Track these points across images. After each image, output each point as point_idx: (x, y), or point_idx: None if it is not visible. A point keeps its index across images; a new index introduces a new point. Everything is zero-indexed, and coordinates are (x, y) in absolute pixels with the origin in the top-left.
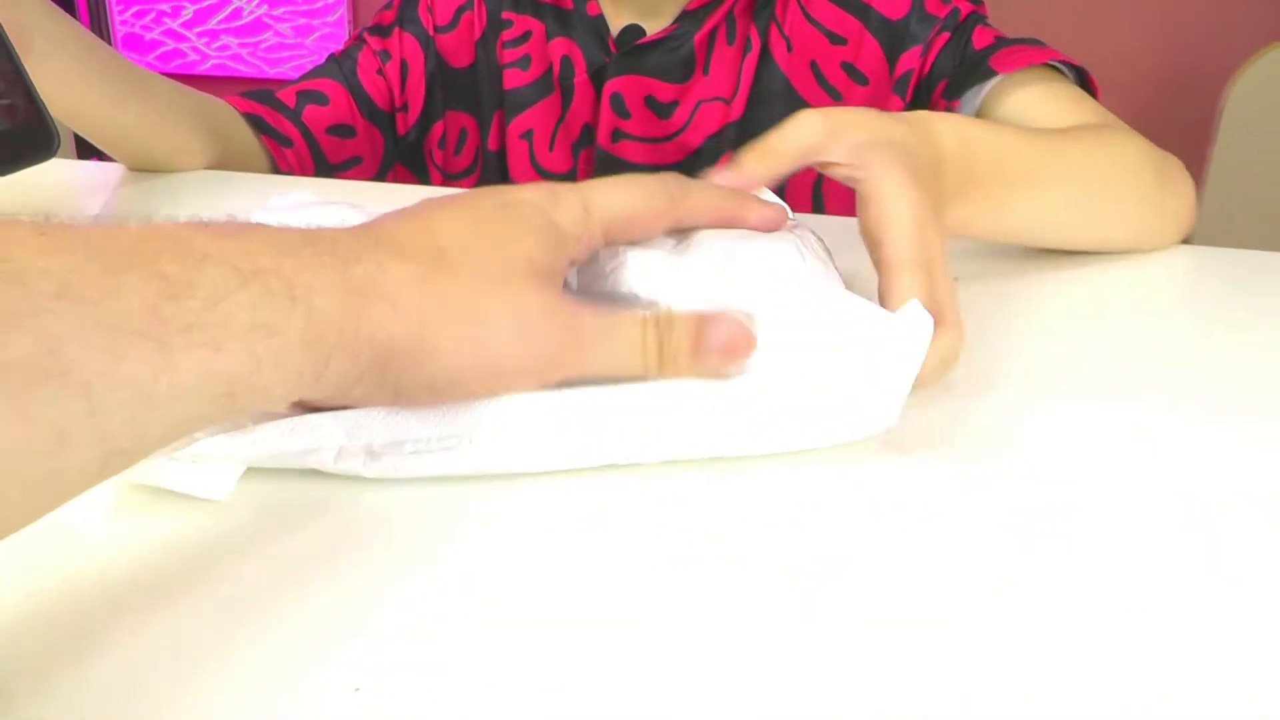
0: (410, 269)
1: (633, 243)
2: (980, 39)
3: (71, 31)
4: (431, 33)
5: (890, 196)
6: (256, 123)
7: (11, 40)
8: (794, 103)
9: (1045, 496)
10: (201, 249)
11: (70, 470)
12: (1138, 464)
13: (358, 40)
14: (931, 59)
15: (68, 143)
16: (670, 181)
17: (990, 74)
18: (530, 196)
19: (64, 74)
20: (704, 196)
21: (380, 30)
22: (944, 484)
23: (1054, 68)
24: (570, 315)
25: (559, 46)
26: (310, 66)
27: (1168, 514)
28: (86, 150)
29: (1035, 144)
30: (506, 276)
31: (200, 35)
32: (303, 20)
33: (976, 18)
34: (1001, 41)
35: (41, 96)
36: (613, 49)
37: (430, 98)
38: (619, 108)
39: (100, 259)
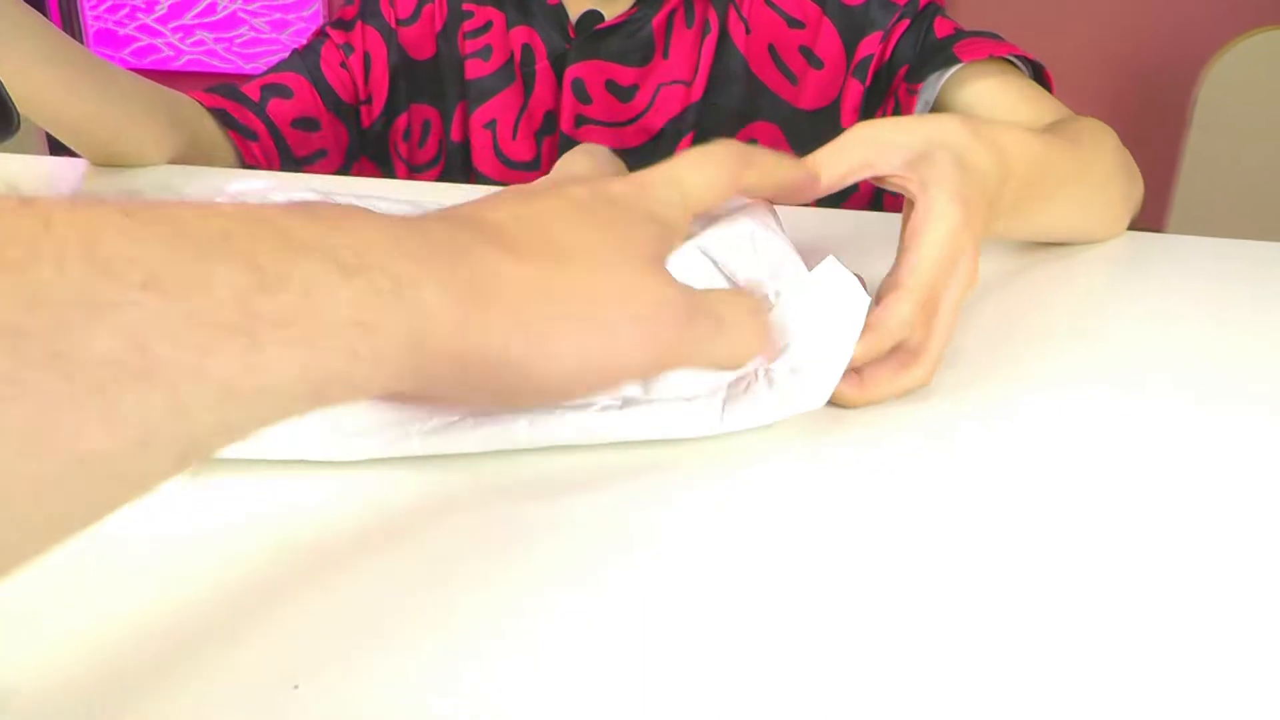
0: (528, 270)
1: None
2: (941, 29)
3: (34, 21)
4: (394, 25)
5: (933, 215)
6: (222, 117)
7: None
8: (752, 84)
9: (1038, 489)
10: (301, 239)
11: (151, 469)
12: (1126, 451)
13: (320, 34)
14: (892, 44)
15: (38, 138)
16: (738, 151)
17: (953, 60)
18: (623, 189)
19: (25, 62)
20: (767, 165)
21: (343, 24)
22: (934, 478)
23: (1011, 62)
24: (691, 306)
25: (519, 35)
26: None
27: (1163, 504)
28: (58, 147)
29: (1059, 152)
30: (626, 272)
31: (175, 30)
32: (278, 15)
33: (935, 9)
34: (961, 33)
35: (1, 81)
36: (572, 35)
37: (394, 90)
38: (580, 93)
39: (191, 245)
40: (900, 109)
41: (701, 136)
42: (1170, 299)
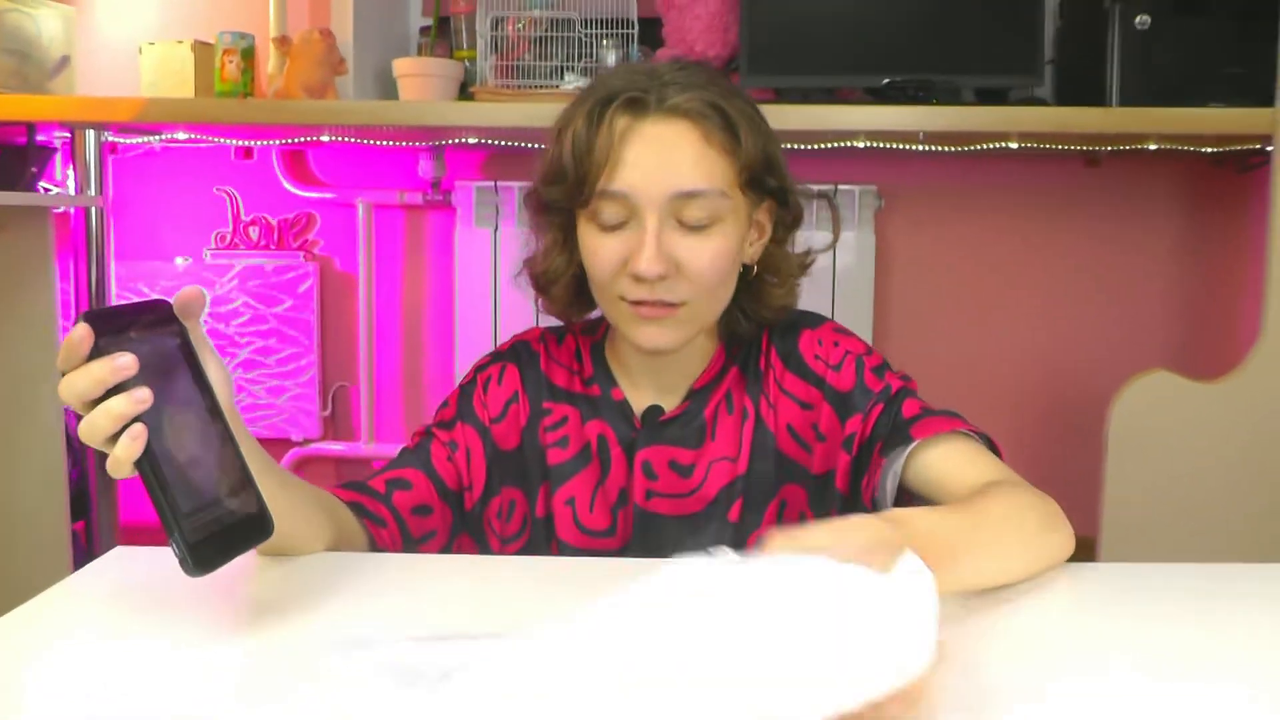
0: None
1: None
2: (909, 409)
3: (243, 429)
4: (487, 424)
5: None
6: (358, 509)
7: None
8: (780, 457)
9: None
10: None
11: None
12: None
13: (426, 434)
14: (870, 425)
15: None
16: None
17: (909, 440)
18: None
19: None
20: None
21: (445, 425)
22: None
23: (963, 433)
24: None
25: (594, 427)
26: (282, 426)
27: None
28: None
29: (970, 518)
30: None
31: None
32: (275, 382)
33: (906, 392)
34: (926, 412)
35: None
36: (638, 425)
37: (489, 477)
38: (649, 472)
39: None
40: (876, 475)
41: (747, 501)
42: (1117, 626)
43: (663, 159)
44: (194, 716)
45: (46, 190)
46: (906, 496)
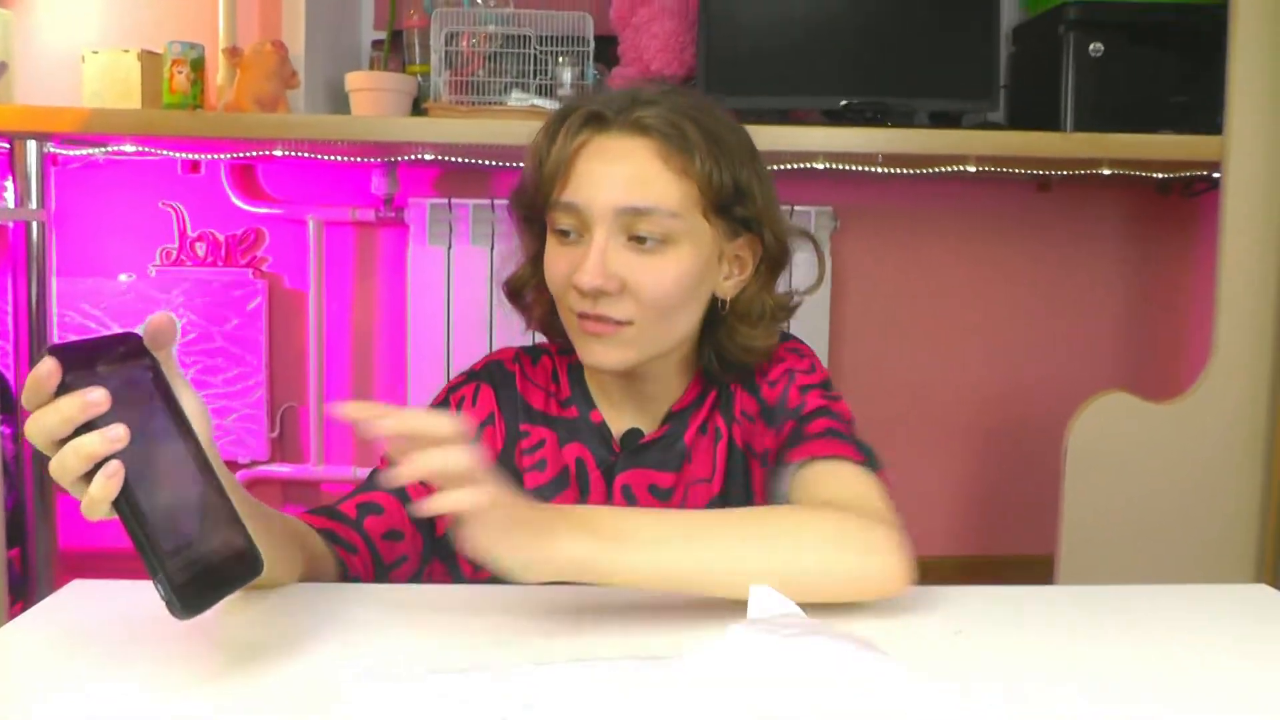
0: None
1: None
2: (813, 428)
3: (222, 465)
4: None
5: None
6: (329, 536)
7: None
8: (746, 475)
9: None
10: None
11: None
12: None
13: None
14: (781, 441)
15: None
16: None
17: (785, 464)
18: None
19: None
20: None
21: None
22: None
23: (845, 459)
24: None
25: (571, 450)
26: (229, 447)
27: None
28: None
29: (692, 519)
30: None
31: None
32: (222, 402)
33: (821, 412)
34: (823, 434)
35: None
36: (617, 449)
37: None
38: (628, 496)
39: None
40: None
41: None
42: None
43: (614, 172)
44: None
45: None
46: None
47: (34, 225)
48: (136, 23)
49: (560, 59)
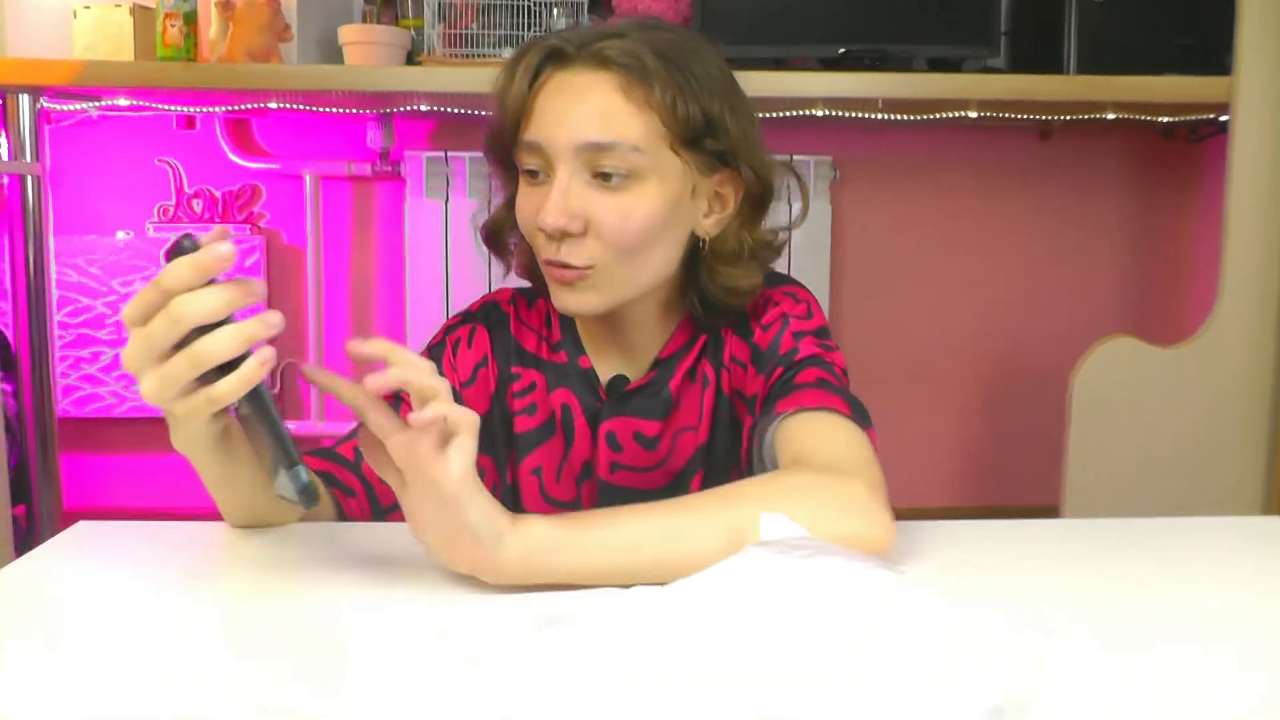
0: None
1: None
2: (803, 378)
3: None
4: (457, 388)
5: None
6: (327, 478)
7: None
8: (734, 424)
9: None
10: None
11: None
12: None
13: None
14: (767, 388)
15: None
16: None
17: (771, 414)
18: None
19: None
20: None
21: None
22: None
23: (831, 410)
24: None
25: (559, 396)
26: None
27: None
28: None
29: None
30: None
31: (119, 378)
32: None
33: (813, 361)
34: (813, 384)
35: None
36: (603, 396)
37: None
38: (613, 444)
39: None
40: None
41: (709, 473)
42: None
43: (574, 109)
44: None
45: None
46: None
47: (29, 179)
48: None
49: (554, 11)
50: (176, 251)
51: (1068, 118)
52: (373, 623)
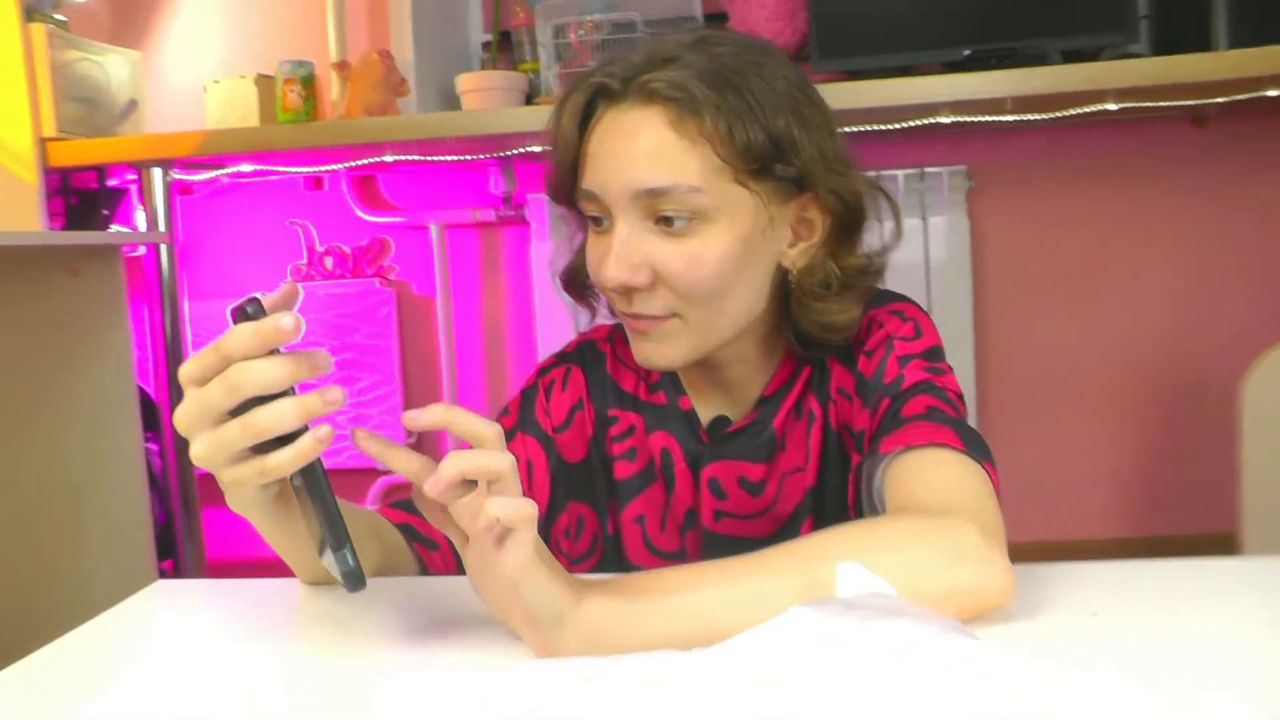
0: None
1: None
2: (910, 409)
3: None
4: (550, 434)
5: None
6: (408, 531)
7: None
8: (844, 462)
9: None
10: None
11: None
12: None
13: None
14: (877, 422)
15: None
16: None
17: (876, 454)
18: None
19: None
20: None
21: (504, 435)
22: None
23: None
24: None
25: (658, 439)
26: (365, 457)
27: None
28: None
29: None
30: None
31: None
32: (357, 412)
33: (922, 388)
34: (921, 417)
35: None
36: (704, 438)
37: (554, 493)
38: (716, 490)
39: None
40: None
41: (819, 519)
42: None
43: (624, 151)
44: None
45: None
46: None
47: (162, 249)
48: (254, 48)
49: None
50: (240, 315)
51: (1223, 100)
52: (418, 686)
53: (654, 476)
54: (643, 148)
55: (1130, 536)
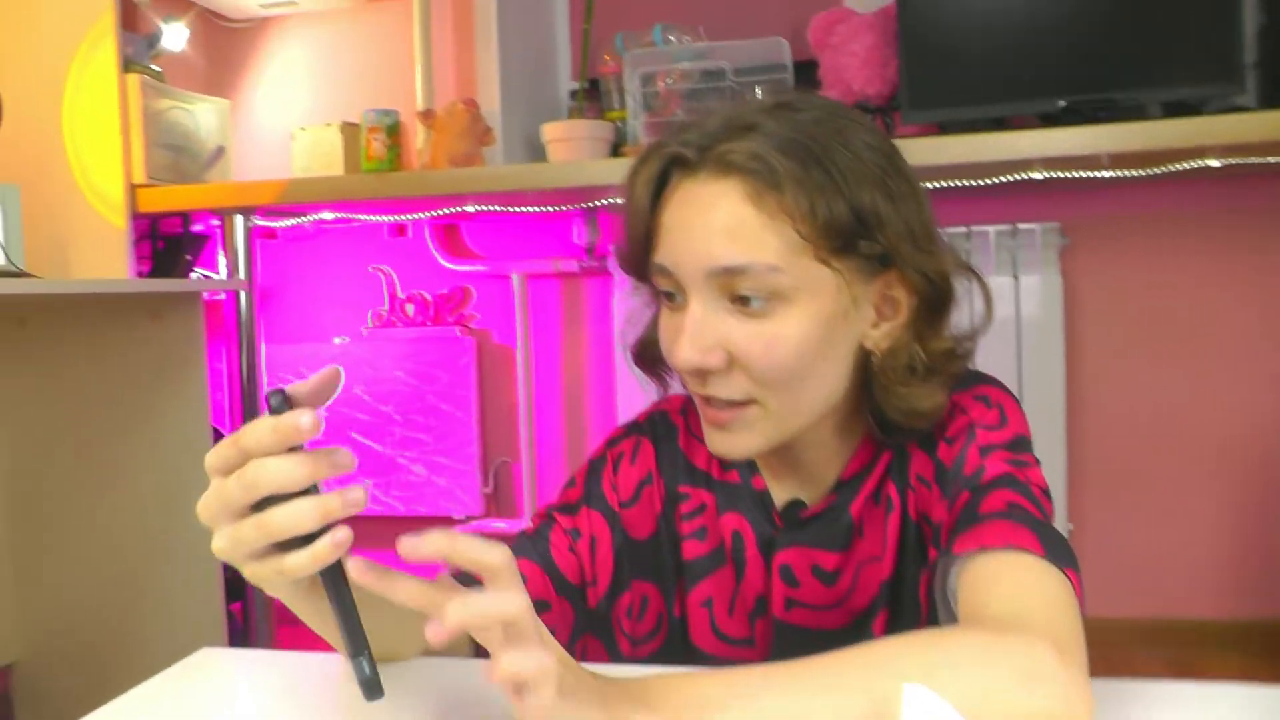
0: None
1: None
2: (989, 504)
3: None
4: (616, 509)
5: None
6: None
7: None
8: (921, 553)
9: None
10: None
11: None
12: None
13: (546, 518)
14: (955, 516)
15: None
16: None
17: (950, 555)
18: None
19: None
20: None
21: (568, 508)
22: None
23: (1019, 549)
24: None
25: (729, 521)
26: (443, 503)
27: None
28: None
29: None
30: None
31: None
32: (435, 459)
33: (1004, 482)
34: (997, 515)
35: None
36: (778, 522)
37: (618, 571)
38: (788, 578)
39: None
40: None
41: (894, 615)
42: None
43: (699, 226)
44: None
45: (206, 278)
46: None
47: (242, 295)
48: (344, 96)
49: (759, 89)
50: (268, 405)
51: None
52: None
53: (724, 559)
54: (719, 223)
55: (1240, 618)
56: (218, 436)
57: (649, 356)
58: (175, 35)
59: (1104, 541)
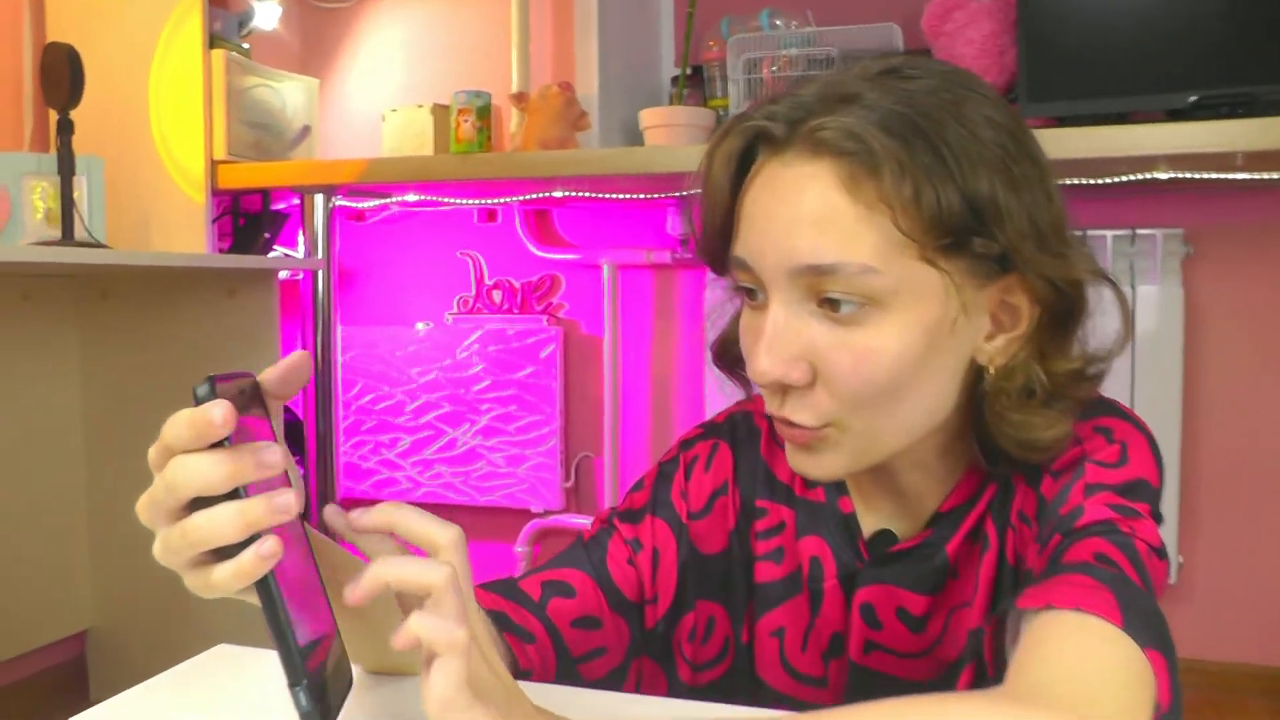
0: None
1: None
2: (1075, 554)
3: (325, 539)
4: (685, 519)
5: None
6: (500, 620)
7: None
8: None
9: None
10: None
11: None
12: None
13: (607, 524)
14: (1043, 563)
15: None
16: None
17: (1015, 610)
18: None
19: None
20: None
21: (631, 516)
22: None
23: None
24: None
25: (808, 545)
26: (521, 496)
27: None
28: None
29: None
30: None
31: (415, 465)
32: (515, 450)
33: (1100, 529)
34: (1077, 568)
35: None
36: (864, 553)
37: (681, 588)
38: (870, 619)
39: None
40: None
41: (981, 667)
42: None
43: (784, 216)
44: None
45: (287, 255)
46: None
47: (319, 275)
48: (437, 77)
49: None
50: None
51: None
52: None
53: (799, 587)
54: (806, 214)
55: None
56: (289, 415)
57: (730, 357)
58: (267, 14)
59: (1217, 579)
